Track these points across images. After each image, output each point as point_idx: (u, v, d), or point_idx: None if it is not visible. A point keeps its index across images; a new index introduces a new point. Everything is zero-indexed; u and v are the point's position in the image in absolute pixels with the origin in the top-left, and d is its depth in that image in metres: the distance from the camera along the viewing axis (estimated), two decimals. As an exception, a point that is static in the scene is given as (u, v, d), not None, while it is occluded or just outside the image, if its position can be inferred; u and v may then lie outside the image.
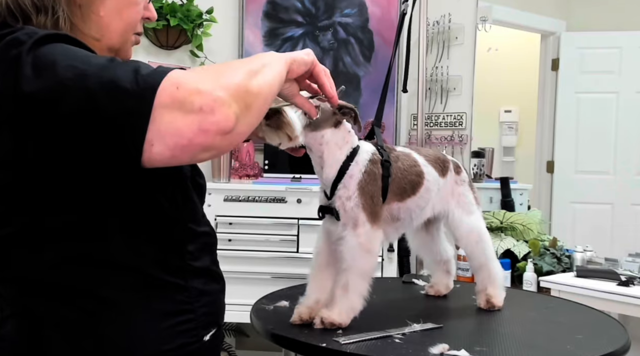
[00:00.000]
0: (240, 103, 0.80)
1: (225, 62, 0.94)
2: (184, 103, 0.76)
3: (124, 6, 0.96)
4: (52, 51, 0.79)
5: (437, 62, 3.43)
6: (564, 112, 3.70)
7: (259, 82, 0.85)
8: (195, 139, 0.77)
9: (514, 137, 3.87)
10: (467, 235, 1.45)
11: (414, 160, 1.34)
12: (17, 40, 0.80)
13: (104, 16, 0.94)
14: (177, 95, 0.76)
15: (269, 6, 3.45)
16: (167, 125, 0.76)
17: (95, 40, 0.95)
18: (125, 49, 1.00)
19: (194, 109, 0.76)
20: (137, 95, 0.75)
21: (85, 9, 0.93)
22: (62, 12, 0.90)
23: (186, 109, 0.76)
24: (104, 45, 0.96)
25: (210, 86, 0.78)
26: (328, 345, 1.12)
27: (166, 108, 0.76)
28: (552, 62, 3.72)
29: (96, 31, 0.95)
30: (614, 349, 1.17)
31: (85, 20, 0.93)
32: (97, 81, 0.75)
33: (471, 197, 1.47)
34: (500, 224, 3.02)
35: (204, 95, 0.77)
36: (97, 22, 0.94)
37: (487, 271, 1.45)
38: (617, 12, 3.54)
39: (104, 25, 0.95)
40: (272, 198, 2.86)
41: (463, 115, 3.38)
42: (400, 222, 1.34)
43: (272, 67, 0.90)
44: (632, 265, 2.60)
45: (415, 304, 1.52)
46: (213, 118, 0.77)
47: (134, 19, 0.99)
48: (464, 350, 1.10)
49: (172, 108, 0.76)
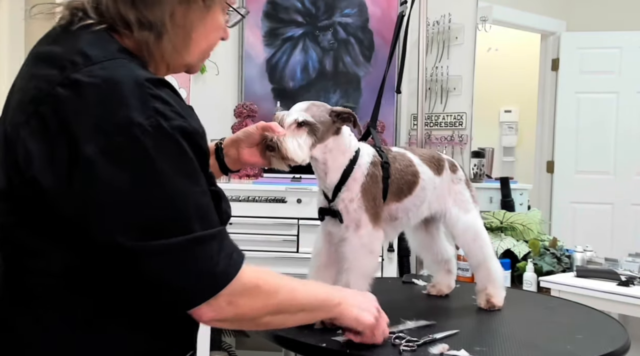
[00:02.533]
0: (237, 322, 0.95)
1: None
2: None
3: (212, 30, 0.99)
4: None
5: (437, 62, 3.43)
6: (564, 112, 3.69)
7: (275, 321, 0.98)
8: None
9: (514, 137, 3.87)
10: (464, 233, 1.45)
11: (409, 160, 1.35)
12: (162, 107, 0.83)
13: (194, 38, 0.96)
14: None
15: (269, 6, 3.45)
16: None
17: (171, 58, 0.96)
18: (198, 66, 1.04)
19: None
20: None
21: (186, 31, 0.94)
22: (167, 34, 0.91)
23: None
24: (182, 62, 0.98)
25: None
26: (328, 345, 1.12)
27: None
28: (552, 62, 3.72)
29: (186, 52, 0.97)
30: (614, 349, 1.17)
31: (184, 42, 0.95)
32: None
33: (468, 195, 1.47)
34: (500, 224, 3.02)
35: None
36: (189, 42, 0.96)
37: (486, 270, 1.45)
38: (617, 12, 3.54)
39: (192, 46, 0.97)
40: (272, 198, 2.86)
41: (463, 115, 3.38)
42: (398, 221, 1.35)
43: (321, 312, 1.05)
44: (632, 265, 2.60)
45: (415, 304, 1.52)
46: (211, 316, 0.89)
47: (216, 41, 1.03)
48: (463, 350, 1.10)
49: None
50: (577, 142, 3.69)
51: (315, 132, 1.19)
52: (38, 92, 0.83)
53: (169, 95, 0.86)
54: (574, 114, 3.69)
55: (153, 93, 0.83)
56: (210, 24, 0.98)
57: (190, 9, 0.93)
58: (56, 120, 0.81)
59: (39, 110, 0.82)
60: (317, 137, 1.19)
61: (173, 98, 0.87)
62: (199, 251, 0.84)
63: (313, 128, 1.18)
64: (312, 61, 3.46)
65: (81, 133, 0.79)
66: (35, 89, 0.84)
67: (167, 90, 0.86)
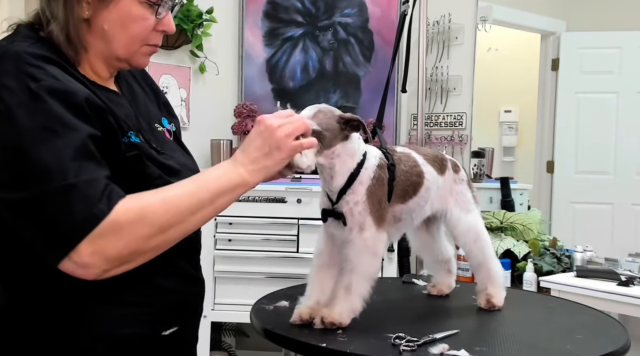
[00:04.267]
0: (119, 266, 0.93)
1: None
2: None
3: (128, 21, 1.02)
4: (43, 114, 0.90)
5: (437, 62, 3.43)
6: (564, 112, 3.69)
7: (159, 240, 0.95)
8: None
9: (514, 137, 3.87)
10: (465, 234, 1.45)
11: (414, 161, 1.35)
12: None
13: (107, 29, 1.01)
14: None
15: (269, 6, 3.45)
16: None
17: (100, 54, 1.04)
18: (136, 59, 1.07)
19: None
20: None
21: (91, 22, 1.01)
22: (59, 24, 0.99)
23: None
24: (111, 55, 1.04)
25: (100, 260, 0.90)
26: (328, 345, 1.12)
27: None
28: (552, 62, 3.72)
29: (101, 44, 1.03)
30: (614, 349, 1.17)
31: (92, 33, 1.02)
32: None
33: (469, 195, 1.47)
34: (500, 224, 3.02)
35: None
36: (102, 35, 1.02)
37: (486, 270, 1.45)
38: (617, 12, 3.54)
39: (108, 38, 1.02)
40: (272, 198, 2.86)
41: (463, 115, 3.38)
42: (402, 222, 1.35)
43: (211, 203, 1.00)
44: (632, 265, 2.60)
45: (415, 304, 1.52)
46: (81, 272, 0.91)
47: (140, 32, 1.04)
48: (463, 350, 1.10)
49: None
50: (577, 142, 3.69)
51: (321, 140, 1.18)
52: None
53: (49, 64, 0.93)
54: (574, 114, 3.69)
55: (29, 61, 0.92)
56: (119, 15, 1.01)
57: (88, 3, 1.00)
58: None
59: None
60: (324, 144, 1.18)
61: (56, 68, 0.94)
62: (57, 201, 0.87)
63: (319, 137, 1.18)
64: (312, 61, 3.46)
65: None
66: None
67: (51, 61, 0.94)
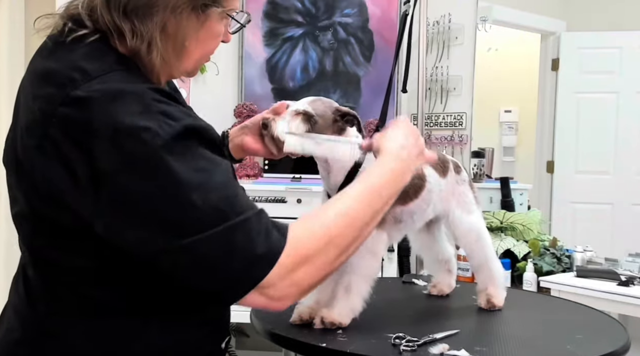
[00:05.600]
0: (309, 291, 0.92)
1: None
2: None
3: (208, 38, 0.98)
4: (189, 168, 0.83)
5: (437, 62, 3.43)
6: (564, 112, 3.69)
7: (340, 258, 0.94)
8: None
9: (514, 137, 3.87)
10: (466, 234, 1.45)
11: None
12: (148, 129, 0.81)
13: (188, 46, 0.95)
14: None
15: (269, 6, 3.45)
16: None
17: (171, 67, 0.95)
18: (196, 71, 1.04)
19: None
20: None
21: (178, 42, 0.93)
22: (157, 47, 0.90)
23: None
24: (179, 69, 0.98)
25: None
26: (328, 345, 1.12)
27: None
28: (552, 62, 3.72)
29: (179, 61, 0.95)
30: (614, 349, 1.17)
31: (175, 52, 0.93)
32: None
33: (471, 196, 1.47)
34: (500, 224, 3.02)
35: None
36: (180, 51, 0.94)
37: (487, 270, 1.45)
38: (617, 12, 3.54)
39: (186, 54, 0.95)
40: (272, 198, 2.86)
41: (463, 115, 3.38)
42: (403, 224, 1.35)
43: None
44: (632, 265, 2.60)
45: (415, 304, 1.53)
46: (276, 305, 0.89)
47: (214, 48, 1.02)
48: (464, 350, 1.10)
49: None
50: (577, 142, 3.69)
51: (310, 123, 1.18)
52: (42, 113, 0.84)
53: (170, 99, 0.87)
54: (574, 114, 3.69)
55: (155, 97, 0.84)
56: (205, 34, 0.96)
57: (182, 20, 0.91)
58: (68, 141, 0.81)
59: (48, 133, 0.82)
60: (313, 129, 1.18)
61: (175, 101, 0.88)
62: (235, 238, 0.83)
63: (309, 118, 1.18)
64: (312, 61, 3.46)
65: (94, 149, 0.80)
66: (39, 110, 0.84)
67: (168, 95, 0.88)
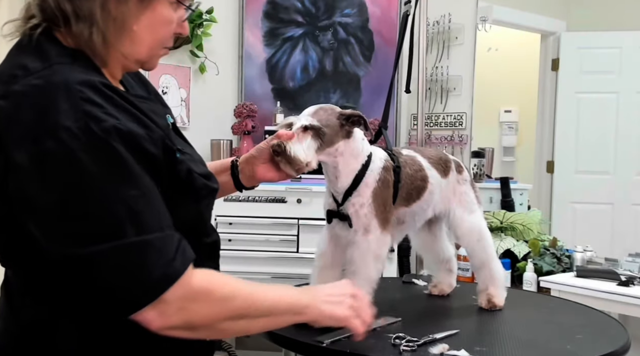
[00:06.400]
0: (185, 329, 0.90)
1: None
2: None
3: (158, 24, 0.96)
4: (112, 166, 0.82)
5: (437, 62, 3.43)
6: (564, 112, 3.70)
7: (233, 328, 0.94)
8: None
9: (514, 137, 3.88)
10: (468, 234, 1.45)
11: (419, 165, 1.35)
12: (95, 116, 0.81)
13: (137, 31, 0.94)
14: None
15: (269, 6, 3.44)
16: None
17: (123, 56, 0.95)
18: (151, 62, 1.01)
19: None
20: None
21: (120, 23, 0.92)
22: (97, 25, 0.89)
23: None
24: (132, 57, 0.97)
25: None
26: (328, 345, 1.12)
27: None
28: (552, 62, 3.72)
29: (127, 46, 0.94)
30: (614, 349, 1.17)
31: (118, 34, 0.92)
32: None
33: (472, 195, 1.47)
34: (500, 224, 3.02)
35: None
36: (130, 36, 0.94)
37: (488, 270, 1.45)
38: (617, 12, 3.54)
39: (136, 40, 0.95)
40: (272, 198, 2.86)
41: (463, 115, 3.38)
42: (405, 225, 1.35)
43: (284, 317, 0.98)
44: (632, 265, 2.59)
45: (415, 304, 1.52)
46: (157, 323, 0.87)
47: (166, 35, 0.99)
48: (464, 350, 1.10)
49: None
50: (577, 142, 3.70)
51: (320, 136, 1.18)
52: None
53: (104, 97, 0.85)
54: (574, 114, 3.69)
55: (84, 96, 0.82)
56: (152, 17, 0.95)
57: (122, 1, 0.91)
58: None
59: None
60: (323, 140, 1.18)
61: (111, 100, 0.85)
62: (132, 257, 0.81)
63: (318, 132, 1.18)
64: (312, 61, 3.46)
65: (11, 140, 0.81)
66: None
67: (103, 92, 0.85)
